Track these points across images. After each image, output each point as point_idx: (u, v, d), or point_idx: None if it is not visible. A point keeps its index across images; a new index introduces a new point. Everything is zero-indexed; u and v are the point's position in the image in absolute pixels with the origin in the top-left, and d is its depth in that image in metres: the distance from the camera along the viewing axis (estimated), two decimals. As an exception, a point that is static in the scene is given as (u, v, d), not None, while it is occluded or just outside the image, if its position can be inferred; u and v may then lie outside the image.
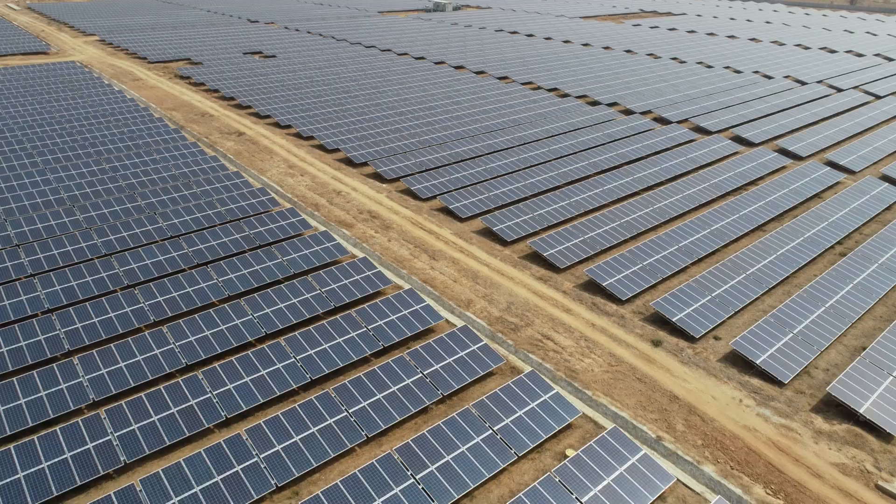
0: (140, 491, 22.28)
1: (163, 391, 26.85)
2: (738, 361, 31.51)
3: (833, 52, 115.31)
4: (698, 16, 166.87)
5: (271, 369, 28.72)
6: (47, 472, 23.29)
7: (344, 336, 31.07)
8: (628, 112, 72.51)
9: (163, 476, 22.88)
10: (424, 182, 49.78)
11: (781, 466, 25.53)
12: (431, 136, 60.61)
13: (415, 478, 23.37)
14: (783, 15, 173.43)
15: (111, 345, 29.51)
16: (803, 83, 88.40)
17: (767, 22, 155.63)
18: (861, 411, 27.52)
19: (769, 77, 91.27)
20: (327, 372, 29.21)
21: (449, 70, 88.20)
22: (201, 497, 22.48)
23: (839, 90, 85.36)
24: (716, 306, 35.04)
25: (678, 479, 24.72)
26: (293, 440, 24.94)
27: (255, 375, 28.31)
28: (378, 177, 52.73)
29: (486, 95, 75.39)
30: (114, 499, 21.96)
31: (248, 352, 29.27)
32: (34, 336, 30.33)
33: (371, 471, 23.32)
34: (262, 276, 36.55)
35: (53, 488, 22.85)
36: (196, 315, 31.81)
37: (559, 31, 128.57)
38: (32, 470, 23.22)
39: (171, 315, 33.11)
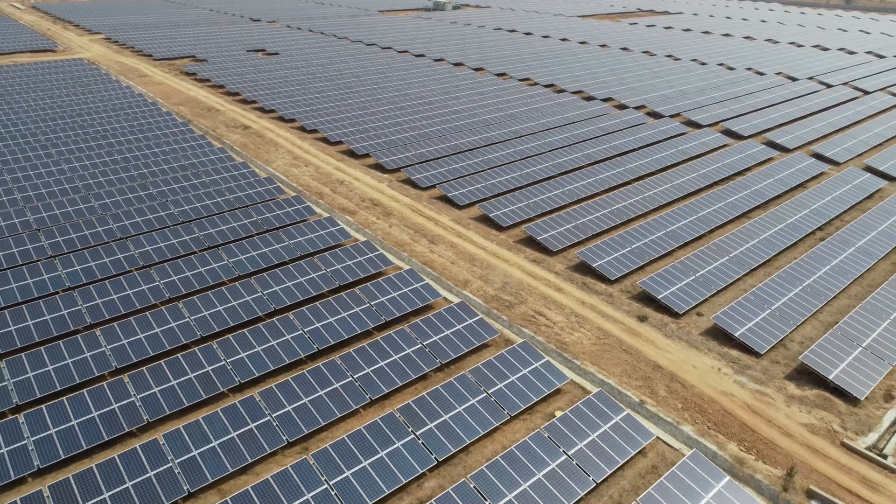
0: (163, 445, 24.30)
1: (180, 359, 28.87)
2: (719, 335, 33.54)
3: (826, 49, 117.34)
4: (694, 14, 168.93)
5: (281, 340, 30.74)
6: (77, 428, 25.31)
7: (348, 311, 33.09)
8: (622, 107, 74.54)
9: (183, 432, 24.90)
10: (424, 172, 51.80)
11: (755, 426, 27.56)
12: (431, 130, 62.62)
13: (415, 434, 25.40)
14: (779, 14, 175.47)
15: (130, 318, 31.55)
16: (794, 79, 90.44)
17: (763, 21, 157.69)
18: (831, 377, 29.55)
19: (761, 73, 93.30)
20: (333, 343, 31.22)
21: (448, 67, 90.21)
22: (219, 451, 24.50)
23: (829, 86, 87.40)
24: (699, 285, 37.05)
25: (658, 437, 26.76)
26: (303, 401, 26.96)
27: (266, 346, 30.33)
28: (379, 167, 54.76)
29: (484, 91, 77.42)
30: (139, 451, 23.97)
31: (259, 325, 31.29)
32: (58, 311, 32.35)
33: (375, 427, 25.34)
34: (269, 257, 38.57)
35: (83, 442, 24.87)
36: (209, 292, 33.83)
37: (557, 30, 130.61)
38: (63, 427, 25.24)
39: (185, 292, 35.11)
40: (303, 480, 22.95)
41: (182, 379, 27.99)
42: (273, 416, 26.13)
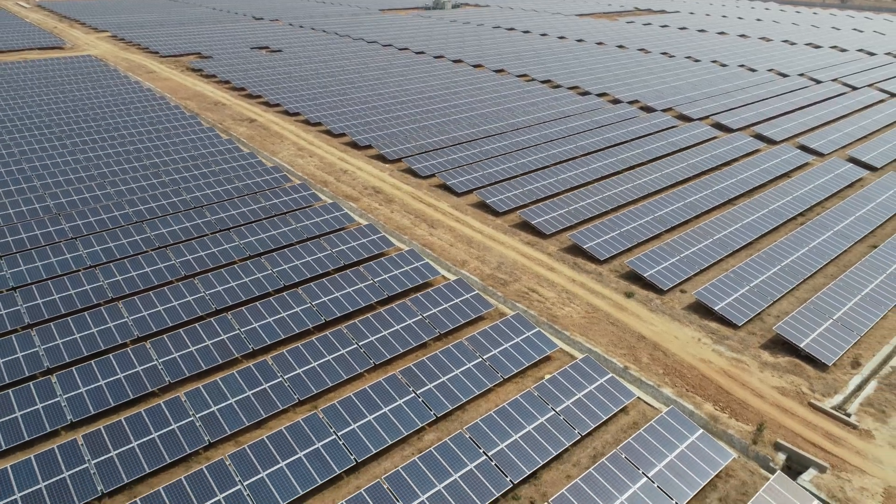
0: (185, 401, 26.53)
1: (198, 328, 31.10)
2: (700, 309, 35.79)
3: (818, 47, 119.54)
4: (691, 13, 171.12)
5: (290, 312, 32.97)
6: (104, 388, 27.55)
7: (353, 286, 35.32)
8: (616, 101, 76.76)
9: (203, 391, 27.14)
10: (424, 162, 54.03)
11: (729, 389, 29.80)
12: (431, 123, 64.83)
13: (415, 392, 27.64)
14: (774, 13, 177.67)
15: (150, 293, 33.78)
16: (785, 75, 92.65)
17: (758, 19, 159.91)
18: (802, 346, 31.79)
19: (753, 70, 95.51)
20: (339, 315, 33.45)
21: (447, 63, 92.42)
22: (236, 407, 26.74)
23: (818, 82, 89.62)
24: (684, 265, 39.29)
25: (639, 398, 29.00)
26: (311, 365, 29.20)
27: (277, 317, 32.56)
28: (381, 158, 56.99)
29: (483, 86, 79.64)
30: (163, 407, 26.20)
31: (270, 298, 33.53)
32: (81, 286, 34.57)
33: (378, 387, 27.58)
34: (278, 239, 40.81)
35: (111, 400, 27.10)
36: (222, 270, 36.07)
37: (554, 28, 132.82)
38: (92, 386, 27.46)
39: (199, 270, 37.33)
40: (313, 432, 25.19)
41: (200, 346, 30.23)
42: (285, 377, 28.36)
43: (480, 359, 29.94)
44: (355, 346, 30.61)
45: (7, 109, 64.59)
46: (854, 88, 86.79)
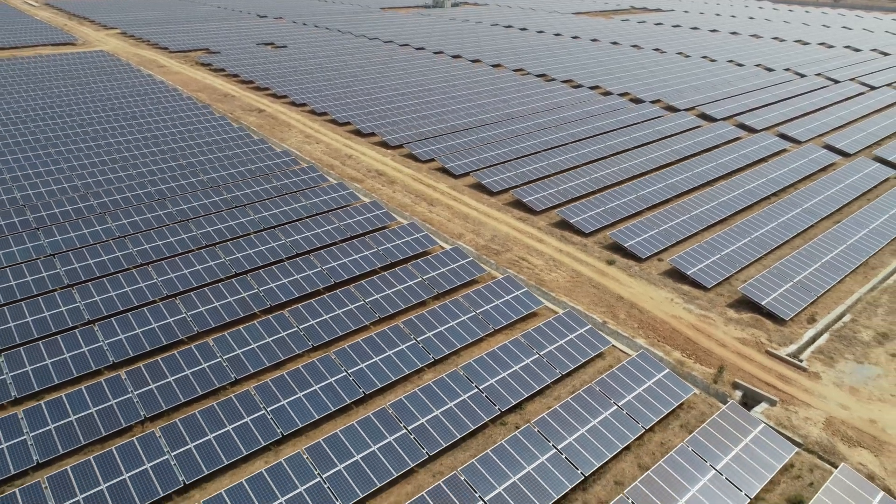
0: (213, 346, 30.07)
1: (221, 287, 34.65)
2: (674, 274, 39.36)
3: (806, 44, 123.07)
4: (685, 12, 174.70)
5: (303, 274, 36.54)
6: (140, 335, 31.10)
7: (359, 253, 38.91)
8: (607, 94, 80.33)
9: (228, 337, 30.68)
10: (424, 147, 57.60)
11: (696, 340, 33.37)
12: (430, 112, 68.39)
13: (416, 340, 31.21)
14: (767, 11, 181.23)
15: (175, 258, 37.37)
16: (770, 70, 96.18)
17: (751, 18, 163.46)
18: (763, 303, 35.36)
19: (741, 65, 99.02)
20: (347, 277, 37.04)
21: (446, 59, 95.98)
22: (258, 351, 30.29)
23: (802, 76, 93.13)
24: (662, 237, 42.86)
25: (614, 345, 32.58)
26: (323, 318, 32.75)
27: (291, 279, 36.13)
28: (384, 144, 60.57)
29: (480, 80, 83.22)
30: (194, 350, 29.75)
31: (284, 263, 37.10)
32: (111, 252, 38.13)
33: (383, 335, 31.14)
34: (289, 214, 44.38)
35: (146, 345, 30.65)
36: (240, 239, 39.66)
37: (551, 26, 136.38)
38: (130, 334, 31.01)
39: (217, 241, 40.88)
40: (326, 370, 28.75)
41: (223, 301, 33.79)
42: (300, 327, 31.93)
43: (473, 313, 33.51)
44: (362, 302, 34.18)
45: (30, 100, 68.18)
46: (836, 82, 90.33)
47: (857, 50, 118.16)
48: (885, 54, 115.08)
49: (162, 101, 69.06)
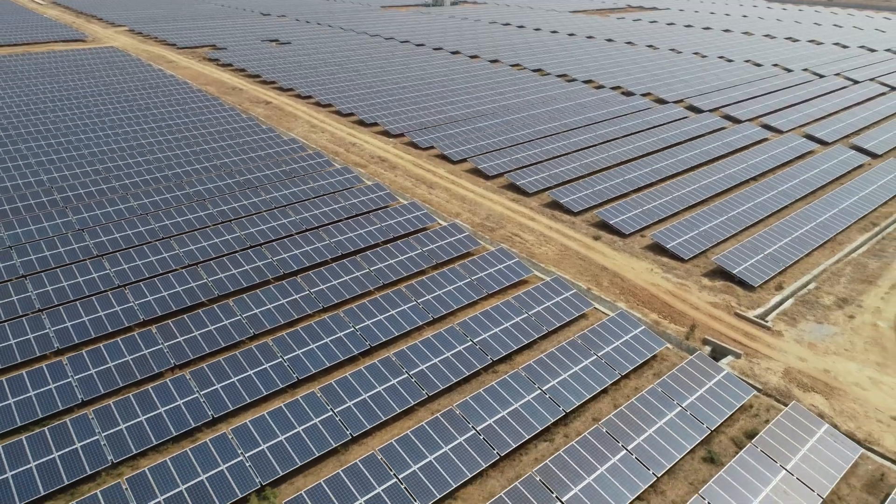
0: (233, 306, 33.28)
1: (238, 257, 37.85)
2: (655, 248, 42.57)
3: (796, 41, 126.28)
4: (680, 10, 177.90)
5: (313, 247, 39.76)
6: (168, 298, 34.30)
7: (364, 229, 42.13)
8: (600, 87, 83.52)
9: (247, 299, 33.87)
10: (424, 136, 60.82)
11: (672, 304, 36.59)
12: (430, 104, 71.58)
13: (416, 301, 34.41)
14: (761, 10, 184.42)
15: (195, 232, 40.57)
16: (759, 65, 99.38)
17: (744, 16, 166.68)
18: (735, 272, 38.57)
19: (730, 61, 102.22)
20: (352, 250, 40.26)
21: (446, 55, 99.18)
22: (274, 312, 33.48)
23: (789, 71, 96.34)
24: (646, 216, 46.07)
25: (596, 307, 35.79)
26: (332, 283, 35.96)
27: (301, 250, 39.33)
28: (386, 133, 63.77)
29: (477, 74, 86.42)
30: (217, 311, 32.95)
31: (296, 237, 40.31)
32: (135, 227, 41.33)
33: (387, 297, 34.32)
34: (298, 195, 47.58)
35: (172, 304, 33.85)
36: (254, 216, 42.86)
37: (548, 23, 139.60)
38: (158, 296, 34.22)
39: (233, 217, 44.08)
40: (336, 326, 31.94)
41: (240, 269, 37.01)
42: (311, 291, 35.12)
43: (469, 279, 36.74)
44: (367, 270, 37.39)
45: (48, 92, 71.38)
46: (820, 76, 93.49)
47: (845, 47, 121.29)
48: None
49: (173, 94, 72.25)
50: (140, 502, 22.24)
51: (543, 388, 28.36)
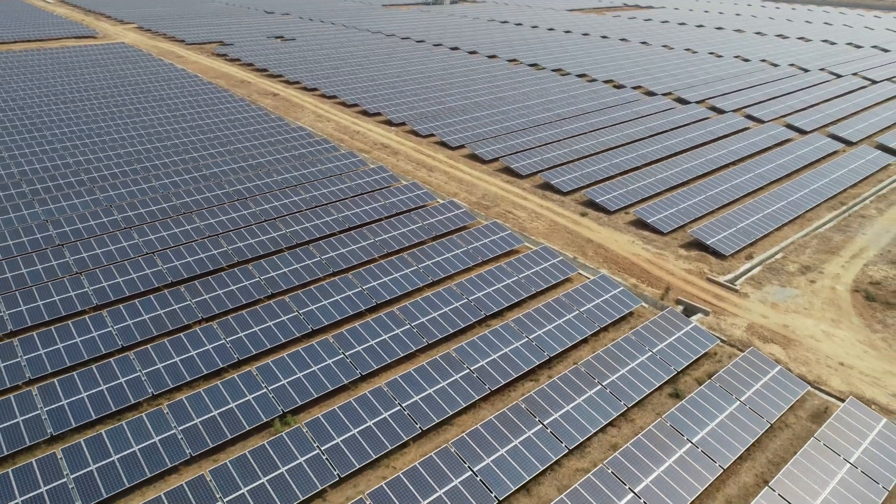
0: (252, 270, 36.85)
1: (254, 229, 41.45)
2: (638, 223, 46.17)
3: (785, 38, 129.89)
4: (675, 9, 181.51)
5: (322, 220, 43.35)
6: (193, 263, 37.91)
7: (368, 205, 45.73)
8: (593, 80, 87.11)
9: (265, 264, 37.46)
10: (424, 124, 64.42)
11: (650, 270, 40.18)
12: (429, 96, 75.16)
13: (417, 266, 38.01)
14: (755, 9, 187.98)
15: (214, 208, 44.18)
16: (747, 60, 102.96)
17: (737, 14, 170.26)
18: (709, 243, 42.17)
19: (720, 56, 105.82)
20: (358, 224, 43.87)
21: (445, 50, 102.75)
22: (289, 275, 37.05)
23: (775, 66, 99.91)
24: (629, 195, 49.65)
25: (580, 272, 39.40)
26: (340, 251, 39.53)
27: (312, 223, 42.93)
28: (388, 122, 67.37)
29: (475, 68, 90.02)
30: (238, 273, 36.53)
31: (306, 212, 43.89)
32: (158, 204, 44.93)
33: (391, 263, 37.93)
34: (307, 176, 51.18)
35: (196, 267, 37.47)
36: (268, 194, 46.44)
37: (545, 21, 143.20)
38: (183, 260, 37.84)
39: (247, 196, 47.68)
40: (346, 286, 35.54)
41: (263, 237, 40.60)
42: (322, 258, 38.73)
43: (465, 248, 40.35)
44: (372, 240, 40.99)
45: (66, 84, 74.99)
46: (805, 71, 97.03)
47: (833, 43, 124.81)
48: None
49: (185, 86, 75.85)
50: (179, 422, 25.83)
51: (530, 337, 31.96)
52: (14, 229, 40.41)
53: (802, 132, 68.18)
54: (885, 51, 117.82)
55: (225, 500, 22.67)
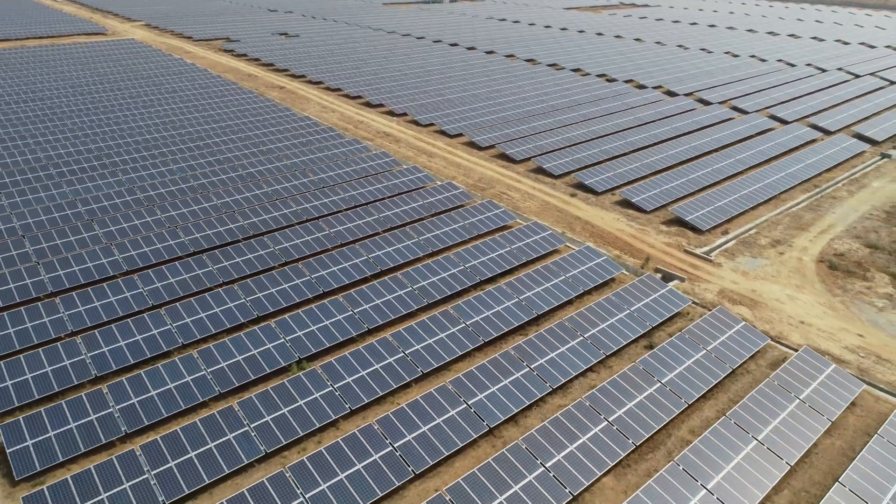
0: (268, 241, 40.27)
1: (267, 206, 44.88)
2: (623, 203, 49.60)
3: (776, 34, 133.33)
4: (671, 7, 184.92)
5: (330, 199, 46.77)
6: (213, 236, 41.33)
7: (373, 186, 49.15)
8: (586, 74, 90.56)
9: (279, 237, 40.88)
10: (424, 114, 67.85)
11: (633, 243, 43.60)
12: (429, 88, 78.57)
13: (418, 238, 41.45)
14: (750, 7, 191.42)
15: (230, 188, 47.59)
16: (736, 56, 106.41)
17: (731, 13, 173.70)
18: (688, 219, 45.60)
19: (710, 52, 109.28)
20: (362, 202, 47.30)
21: (444, 46, 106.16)
22: (301, 246, 40.49)
23: (763, 60, 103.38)
24: (616, 178, 53.08)
25: (567, 245, 42.83)
26: (347, 226, 42.96)
27: (320, 202, 46.33)
28: (390, 113, 70.81)
29: (474, 64, 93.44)
30: (255, 244, 39.94)
31: (315, 191, 47.29)
32: (168, 187, 48.36)
33: (393, 235, 41.36)
34: (314, 161, 54.59)
35: (216, 239, 40.88)
36: (280, 176, 49.84)
37: (542, 19, 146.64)
38: (206, 233, 41.25)
39: (259, 179, 51.07)
40: (353, 255, 38.97)
41: (264, 219, 44.04)
42: (330, 231, 42.16)
43: (461, 223, 43.79)
44: (376, 216, 44.42)
45: (81, 77, 78.41)
46: (792, 66, 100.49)
47: (822, 40, 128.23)
48: None
49: (195, 80, 79.27)
50: (208, 366, 29.24)
51: (520, 298, 35.38)
52: (46, 206, 43.84)
53: (785, 122, 71.54)
54: None
55: (252, 426, 26.10)
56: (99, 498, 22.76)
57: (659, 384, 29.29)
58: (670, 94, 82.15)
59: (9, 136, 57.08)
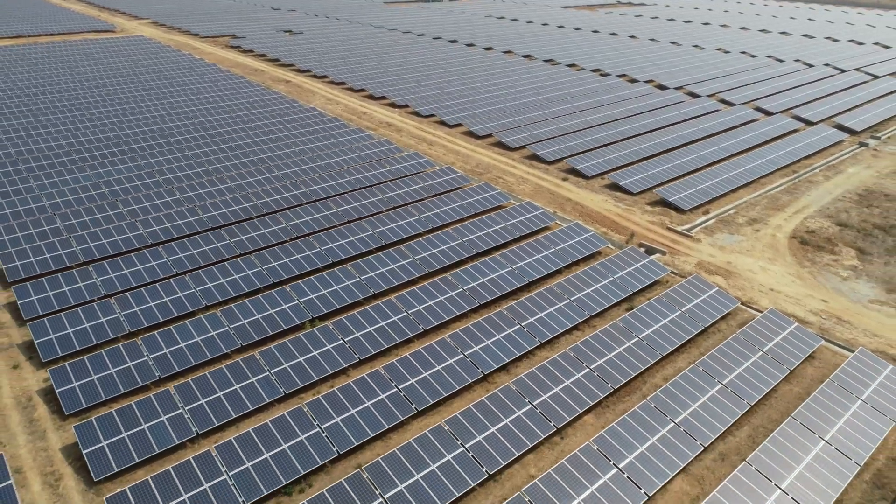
0: (281, 218, 43.48)
1: (278, 187, 48.09)
2: (612, 186, 52.82)
3: (768, 32, 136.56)
4: (667, 6, 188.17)
5: (336, 182, 49.98)
6: (237, 211, 44.57)
7: (376, 170, 52.37)
8: (581, 69, 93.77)
9: (290, 213, 44.10)
10: (424, 106, 71.06)
11: (619, 222, 46.82)
12: (430, 82, 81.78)
13: (418, 216, 44.67)
14: (745, 6, 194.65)
15: (243, 171, 50.83)
16: (726, 52, 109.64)
17: (725, 11, 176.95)
18: (671, 200, 48.83)
19: (702, 48, 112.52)
20: (366, 185, 50.53)
21: (444, 43, 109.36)
22: (311, 223, 43.69)
23: (753, 56, 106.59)
24: (606, 164, 56.30)
25: (557, 222, 46.05)
26: (353, 205, 46.21)
27: (327, 184, 49.56)
28: (392, 105, 74.04)
29: (472, 59, 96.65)
30: (268, 220, 43.16)
31: (322, 175, 50.50)
32: (194, 168, 51.57)
33: (396, 213, 44.58)
34: (321, 148, 57.81)
35: (230, 216, 44.11)
36: (289, 161, 53.09)
37: (540, 17, 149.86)
38: (223, 209, 44.48)
39: (270, 164, 54.29)
40: (349, 233, 42.17)
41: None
42: (338, 210, 45.40)
43: (459, 203, 47.01)
44: (379, 196, 47.64)
45: (95, 71, 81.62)
46: (781, 61, 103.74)
47: (812, 37, 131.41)
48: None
49: (204, 74, 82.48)
50: (230, 322, 32.46)
51: (513, 268, 38.60)
52: (72, 188, 47.04)
53: (769, 113, 74.80)
54: None
55: (272, 371, 29.32)
56: (140, 428, 25.97)
57: (637, 339, 32.51)
58: (659, 87, 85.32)
59: (31, 125, 60.31)
